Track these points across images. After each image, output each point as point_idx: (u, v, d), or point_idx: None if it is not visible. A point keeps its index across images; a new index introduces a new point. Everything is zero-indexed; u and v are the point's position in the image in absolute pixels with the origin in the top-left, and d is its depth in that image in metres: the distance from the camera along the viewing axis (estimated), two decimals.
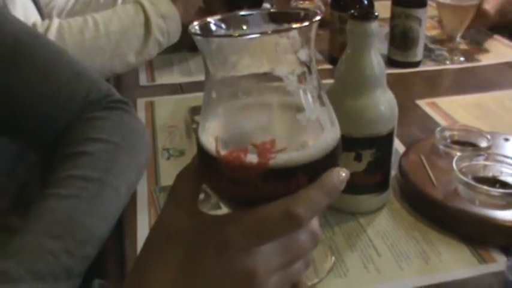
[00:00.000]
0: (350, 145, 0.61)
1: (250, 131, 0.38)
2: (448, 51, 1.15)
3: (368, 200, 0.67)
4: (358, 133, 0.62)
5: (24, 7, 0.90)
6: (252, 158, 0.36)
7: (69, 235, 0.55)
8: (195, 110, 0.94)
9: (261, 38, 0.36)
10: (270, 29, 0.38)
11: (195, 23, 0.38)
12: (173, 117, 0.93)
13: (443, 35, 1.21)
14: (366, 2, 1.06)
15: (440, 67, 1.13)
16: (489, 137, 0.73)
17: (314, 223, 0.40)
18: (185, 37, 1.01)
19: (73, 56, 0.72)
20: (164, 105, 0.98)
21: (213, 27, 0.39)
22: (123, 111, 0.71)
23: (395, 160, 0.70)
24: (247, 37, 0.37)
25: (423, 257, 0.60)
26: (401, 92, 0.68)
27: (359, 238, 0.63)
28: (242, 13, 0.40)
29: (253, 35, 0.36)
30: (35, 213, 0.57)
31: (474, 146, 0.74)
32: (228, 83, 0.39)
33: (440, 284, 0.57)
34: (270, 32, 0.36)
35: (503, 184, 0.66)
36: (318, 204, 0.36)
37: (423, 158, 0.72)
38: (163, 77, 1.10)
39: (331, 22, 1.10)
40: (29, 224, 0.56)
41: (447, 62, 1.14)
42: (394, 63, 1.10)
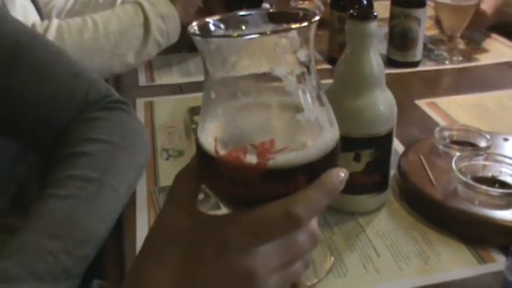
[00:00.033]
0: (349, 145, 0.61)
1: (249, 131, 0.38)
2: (447, 51, 1.15)
3: (367, 200, 0.67)
4: (357, 133, 0.62)
5: (23, 7, 0.90)
6: (251, 159, 0.36)
7: (68, 235, 0.55)
8: (194, 111, 0.94)
9: (260, 38, 0.36)
10: (269, 29, 0.38)
11: (194, 24, 0.38)
12: (172, 117, 0.93)
13: (440, 35, 1.21)
14: (365, 2, 1.06)
15: (439, 67, 1.13)
16: (488, 137, 0.73)
17: (313, 223, 0.40)
18: (184, 37, 1.01)
19: (72, 57, 0.72)
20: (163, 105, 0.98)
21: (212, 27, 0.39)
22: (122, 111, 0.71)
23: (394, 160, 0.70)
24: (246, 37, 0.37)
25: (422, 257, 0.60)
26: (400, 92, 0.68)
27: (358, 238, 0.63)
28: (241, 13, 0.40)
29: (252, 36, 0.36)
30: (34, 213, 0.57)
31: (473, 146, 0.74)
32: (227, 83, 0.39)
33: (439, 284, 0.57)
34: (269, 33, 0.36)
35: (502, 184, 0.66)
36: (317, 204, 0.36)
37: (422, 158, 0.72)
38: (162, 77, 1.10)
39: (330, 22, 1.10)
40: (28, 224, 0.56)
41: (446, 62, 1.14)
42: (393, 63, 1.10)
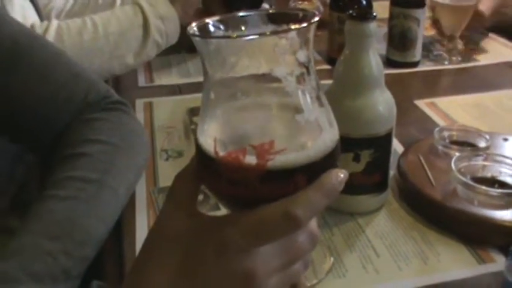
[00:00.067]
0: (348, 145, 0.61)
1: (248, 132, 0.38)
2: (447, 51, 1.16)
3: (367, 201, 0.67)
4: (356, 133, 0.62)
5: (22, 8, 0.90)
6: (251, 159, 0.36)
7: (67, 236, 0.55)
8: (194, 111, 0.94)
9: (260, 39, 0.35)
10: (269, 30, 0.38)
11: (194, 24, 0.38)
12: (172, 118, 0.93)
13: (437, 36, 1.21)
14: (365, 3, 1.06)
15: (438, 67, 1.13)
16: (488, 137, 0.73)
17: (313, 224, 0.40)
18: (184, 38, 1.01)
19: (72, 57, 0.72)
20: (163, 106, 0.98)
21: (212, 28, 0.39)
22: (121, 112, 0.71)
23: (393, 160, 0.70)
24: (245, 38, 0.37)
25: (422, 257, 0.60)
26: (399, 92, 0.68)
27: (358, 238, 0.63)
28: (241, 14, 0.40)
29: (251, 36, 0.36)
30: (34, 214, 0.57)
31: (473, 146, 0.74)
32: (227, 84, 0.39)
33: (438, 284, 0.57)
34: (269, 33, 0.36)
35: (502, 184, 0.66)
36: (317, 205, 0.36)
37: (422, 158, 0.72)
38: (161, 78, 1.10)
39: (329, 23, 1.10)
40: (28, 225, 0.56)
41: (445, 62, 1.14)
42: (393, 63, 1.10)
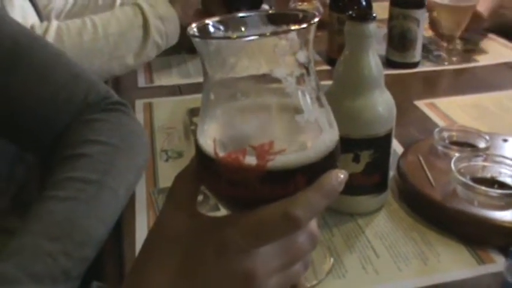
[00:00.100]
0: (348, 146, 0.61)
1: (248, 133, 0.38)
2: (446, 52, 1.16)
3: (366, 201, 0.67)
4: (356, 134, 0.62)
5: (22, 9, 0.90)
6: (251, 160, 0.36)
7: (67, 237, 0.55)
8: (194, 112, 0.94)
9: (260, 40, 0.35)
10: (269, 31, 0.38)
11: (194, 25, 0.38)
12: (171, 118, 0.93)
13: (435, 37, 1.21)
14: (364, 3, 1.06)
15: (438, 68, 1.13)
16: (487, 138, 0.73)
17: (313, 225, 0.40)
18: (183, 39, 1.01)
19: (71, 58, 0.72)
20: (163, 106, 0.98)
21: (212, 29, 0.39)
22: (121, 113, 0.71)
23: (393, 161, 0.70)
24: (245, 39, 0.37)
25: (422, 258, 0.60)
26: (399, 93, 0.68)
27: (357, 239, 0.63)
28: (240, 15, 0.40)
29: (251, 37, 0.36)
30: (34, 215, 0.57)
31: (473, 147, 0.74)
32: (227, 85, 0.39)
33: (438, 285, 0.57)
34: (269, 34, 0.36)
35: (501, 185, 0.66)
36: (317, 206, 0.36)
37: (421, 159, 0.72)
38: (161, 79, 1.10)
39: (329, 23, 1.10)
40: (27, 226, 0.56)
41: (445, 63, 1.14)
42: (392, 64, 1.10)
